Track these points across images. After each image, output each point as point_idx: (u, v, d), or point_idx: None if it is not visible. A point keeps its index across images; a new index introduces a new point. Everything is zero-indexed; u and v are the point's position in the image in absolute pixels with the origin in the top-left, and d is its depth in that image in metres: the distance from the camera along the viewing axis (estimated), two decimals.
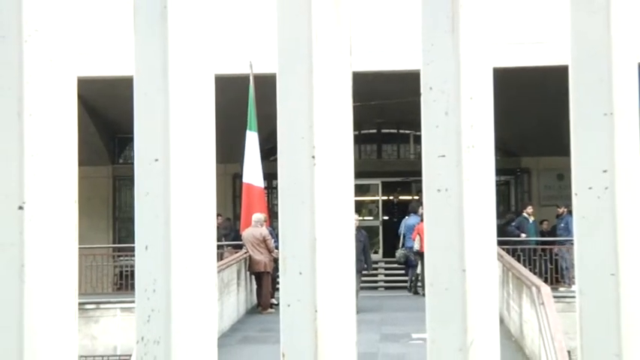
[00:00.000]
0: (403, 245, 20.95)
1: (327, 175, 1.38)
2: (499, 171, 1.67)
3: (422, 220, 20.03)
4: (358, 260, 17.10)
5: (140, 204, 1.39)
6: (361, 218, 19.27)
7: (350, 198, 1.41)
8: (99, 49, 16.52)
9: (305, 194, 1.38)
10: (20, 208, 1.37)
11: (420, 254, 18.42)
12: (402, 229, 21.41)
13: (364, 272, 18.29)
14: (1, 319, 1.37)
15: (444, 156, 1.39)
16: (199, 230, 1.39)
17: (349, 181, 1.41)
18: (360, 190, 25.21)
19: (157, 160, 1.38)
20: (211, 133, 1.42)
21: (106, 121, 22.08)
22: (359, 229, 17.66)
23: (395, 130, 26.11)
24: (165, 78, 1.38)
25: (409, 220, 21.23)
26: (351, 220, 1.41)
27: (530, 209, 21.67)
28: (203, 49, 1.42)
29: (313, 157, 1.38)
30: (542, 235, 21.45)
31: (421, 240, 18.38)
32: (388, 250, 25.63)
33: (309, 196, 1.38)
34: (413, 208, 22.22)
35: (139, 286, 1.38)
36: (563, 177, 22.83)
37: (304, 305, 1.37)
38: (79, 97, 1.44)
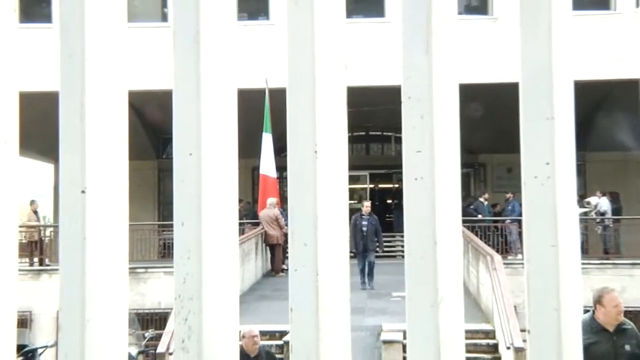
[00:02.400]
0: None
1: (326, 166, 1.38)
2: (461, 165, 1.67)
3: None
4: (371, 241, 16.27)
5: (178, 189, 1.38)
6: (369, 203, 17.79)
7: (345, 184, 1.40)
8: (146, 68, 16.50)
9: (309, 181, 1.37)
10: (82, 192, 1.37)
11: None
12: None
13: (377, 251, 17.18)
14: (67, 281, 1.37)
15: (420, 151, 1.38)
16: (224, 210, 1.38)
17: (344, 170, 1.40)
18: (351, 179, 25.20)
19: (191, 154, 1.37)
20: (234, 133, 1.41)
21: (152, 125, 22.07)
22: (371, 214, 16.53)
23: (380, 133, 26.09)
24: (198, 90, 1.37)
25: None
26: (345, 201, 1.40)
27: (485, 195, 21.70)
28: (228, 67, 1.41)
29: (316, 151, 1.37)
30: (495, 216, 21.45)
31: None
32: None
33: (312, 183, 1.37)
34: None
35: (176, 255, 1.38)
36: (511, 170, 22.83)
37: (308, 270, 1.36)
38: (131, 105, 1.43)
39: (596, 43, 17.30)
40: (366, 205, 16.91)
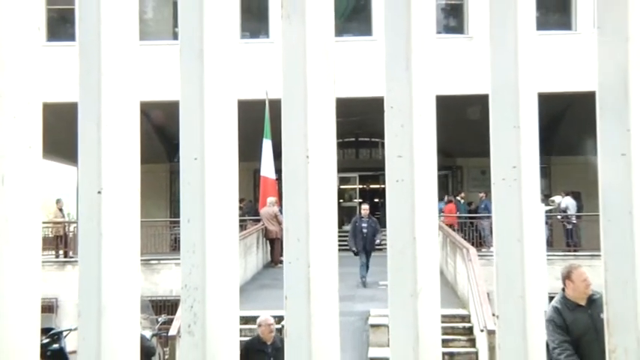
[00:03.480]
0: None
1: (317, 170, 1.37)
2: (440, 167, 1.66)
3: (447, 203, 19.54)
4: (370, 242, 15.37)
5: (184, 190, 1.38)
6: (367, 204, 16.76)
7: (333, 186, 1.39)
8: (160, 81, 16.46)
9: (301, 183, 1.37)
10: (99, 192, 1.36)
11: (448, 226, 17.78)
12: None
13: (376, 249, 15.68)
14: (85, 272, 1.36)
15: (401, 156, 1.38)
16: (226, 209, 1.38)
17: (333, 173, 1.39)
18: (342, 180, 25.23)
19: (195, 158, 1.37)
20: (235, 140, 1.40)
21: (164, 131, 21.99)
22: (370, 216, 15.73)
23: (368, 139, 26.04)
24: (202, 100, 1.37)
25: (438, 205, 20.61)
26: (334, 201, 1.39)
27: (462, 194, 21.71)
28: (229, 80, 1.40)
29: (307, 156, 1.36)
30: (470, 213, 21.44)
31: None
32: None
33: (305, 184, 1.36)
34: (439, 197, 21.59)
35: (183, 249, 1.37)
36: (485, 172, 22.79)
37: (301, 262, 1.36)
38: (145, 114, 1.43)
39: (559, 60, 17.35)
40: (364, 208, 15.80)
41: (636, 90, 1.33)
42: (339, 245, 1.43)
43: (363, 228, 15.59)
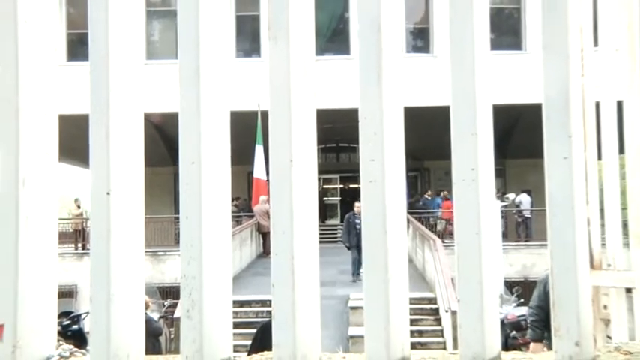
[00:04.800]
0: None
1: (300, 173, 1.36)
2: (410, 169, 1.67)
3: (444, 200, 19.36)
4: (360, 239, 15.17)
5: (183, 190, 1.36)
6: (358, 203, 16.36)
7: (314, 186, 1.39)
8: (166, 94, 16.36)
9: (286, 184, 1.36)
10: (107, 194, 1.34)
11: (445, 220, 17.75)
12: (433, 206, 20.62)
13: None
14: (96, 263, 1.35)
15: (373, 160, 1.37)
16: (220, 208, 1.36)
17: (314, 175, 1.39)
18: (325, 181, 25.25)
19: (193, 163, 1.35)
20: (227, 147, 1.39)
21: (169, 138, 21.89)
22: (360, 213, 15.57)
23: (347, 144, 26.01)
24: (198, 111, 1.36)
25: (435, 200, 20.69)
26: (314, 200, 1.38)
27: (429, 193, 21.78)
28: (223, 94, 1.39)
29: (291, 160, 1.35)
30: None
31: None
32: (343, 217, 25.50)
33: (289, 185, 1.35)
34: (436, 193, 21.58)
35: (182, 242, 1.36)
36: (448, 173, 22.73)
37: (286, 253, 1.35)
38: (152, 123, 1.41)
39: (511, 76, 17.48)
40: (357, 206, 15.72)
41: (575, 102, 1.34)
42: (322, 237, 1.42)
43: (356, 224, 15.35)
